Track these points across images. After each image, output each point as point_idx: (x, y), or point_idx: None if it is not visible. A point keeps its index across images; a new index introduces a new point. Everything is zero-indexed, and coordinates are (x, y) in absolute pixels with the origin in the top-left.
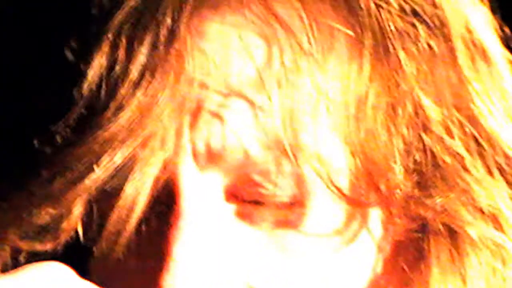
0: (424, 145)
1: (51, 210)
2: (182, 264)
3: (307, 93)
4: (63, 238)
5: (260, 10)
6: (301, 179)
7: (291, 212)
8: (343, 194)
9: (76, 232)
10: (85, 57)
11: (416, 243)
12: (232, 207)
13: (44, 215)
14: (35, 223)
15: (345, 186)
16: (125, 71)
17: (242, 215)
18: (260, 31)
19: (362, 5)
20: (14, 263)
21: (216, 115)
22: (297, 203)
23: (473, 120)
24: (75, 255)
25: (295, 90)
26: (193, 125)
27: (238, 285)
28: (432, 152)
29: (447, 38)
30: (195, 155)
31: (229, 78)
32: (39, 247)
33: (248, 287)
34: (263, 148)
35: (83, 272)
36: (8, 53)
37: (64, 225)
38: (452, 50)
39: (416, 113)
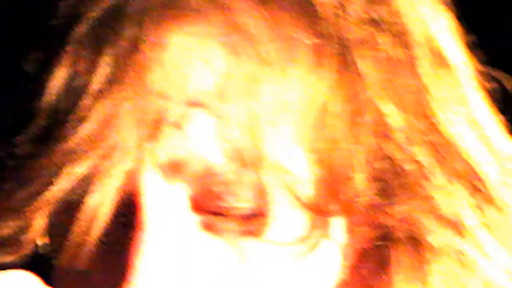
0: (384, 153)
1: (11, 223)
2: (145, 276)
3: (266, 103)
4: (24, 250)
5: (220, 20)
6: (263, 190)
7: (253, 222)
8: (305, 204)
9: (37, 245)
10: (45, 69)
11: (378, 251)
12: (196, 218)
13: (4, 228)
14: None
15: (306, 195)
16: (85, 83)
17: (205, 226)
18: (220, 41)
19: (322, 15)
20: None
21: (177, 126)
22: (259, 214)
23: (432, 128)
24: (37, 268)
25: (255, 100)
26: (154, 136)
27: (198, 276)
28: (393, 160)
29: (406, 46)
30: (157, 166)
31: (189, 89)
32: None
33: (206, 278)
34: (224, 159)
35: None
36: None
37: (25, 237)
38: (411, 58)
39: (377, 122)
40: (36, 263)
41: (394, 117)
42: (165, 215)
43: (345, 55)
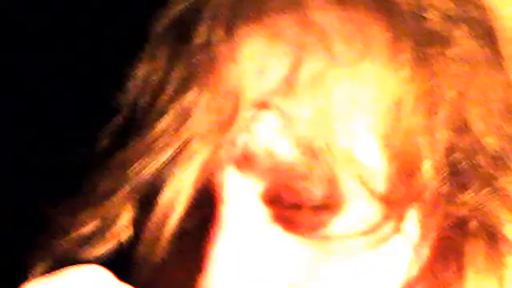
0: (459, 145)
1: (96, 218)
2: (221, 265)
3: (340, 98)
4: (109, 245)
5: (294, 17)
6: (336, 182)
7: (325, 214)
8: (378, 195)
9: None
10: (126, 66)
11: (451, 244)
12: (269, 212)
13: (89, 223)
14: (80, 230)
15: (379, 186)
16: (164, 79)
17: (279, 219)
18: (293, 38)
19: (402, 9)
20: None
21: (250, 122)
22: (331, 205)
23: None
24: (115, 262)
25: (328, 95)
26: (228, 130)
27: (278, 284)
28: (468, 152)
29: (492, 42)
30: (232, 161)
31: (262, 84)
32: (84, 255)
33: (288, 285)
34: (296, 153)
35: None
36: (53, 60)
37: (110, 232)
38: (497, 55)
39: (456, 115)
40: (118, 257)
41: (475, 111)
42: (241, 208)
43: (425, 49)
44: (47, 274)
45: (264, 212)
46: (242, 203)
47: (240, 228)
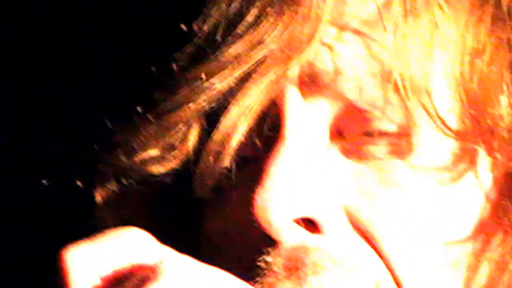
0: None
1: (164, 135)
2: (277, 181)
3: (423, 34)
4: (175, 162)
5: None
6: (409, 112)
7: (396, 143)
8: (449, 129)
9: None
10: None
11: None
12: (335, 142)
13: (158, 140)
14: (149, 148)
15: (451, 122)
16: (243, 10)
17: (344, 150)
18: None
19: None
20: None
21: (327, 45)
22: (403, 134)
23: None
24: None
25: (412, 29)
26: (303, 52)
27: (332, 206)
28: None
29: None
30: (302, 82)
31: (346, 14)
32: (151, 170)
33: (342, 208)
34: (373, 78)
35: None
36: None
37: (178, 148)
38: None
39: None
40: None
41: None
42: (305, 131)
43: (501, 7)
44: (88, 238)
45: (328, 137)
46: (307, 125)
47: (300, 151)
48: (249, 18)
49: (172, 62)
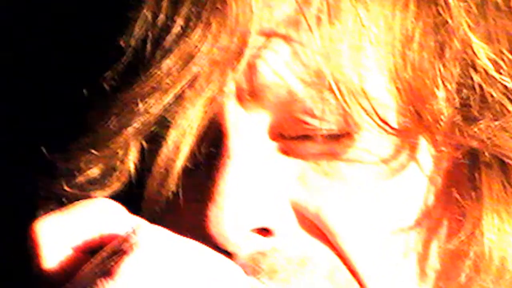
0: (472, 80)
1: (103, 158)
2: (227, 196)
3: (349, 30)
4: (118, 184)
5: None
6: (347, 113)
7: (337, 143)
8: (389, 126)
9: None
10: (131, 9)
11: (468, 175)
12: (276, 144)
13: (96, 165)
14: (88, 173)
15: (390, 118)
16: (170, 22)
17: (286, 150)
18: None
19: None
20: None
21: (258, 56)
22: (343, 135)
23: None
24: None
25: (337, 26)
26: (235, 66)
27: (281, 207)
28: (480, 87)
29: None
30: (239, 95)
31: (269, 19)
32: (93, 196)
33: (291, 206)
34: (306, 85)
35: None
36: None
37: (119, 171)
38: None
39: (464, 51)
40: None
41: (483, 46)
42: (247, 141)
43: None
44: (58, 210)
45: (271, 145)
46: (248, 136)
47: (245, 161)
48: (176, 29)
49: (103, 83)
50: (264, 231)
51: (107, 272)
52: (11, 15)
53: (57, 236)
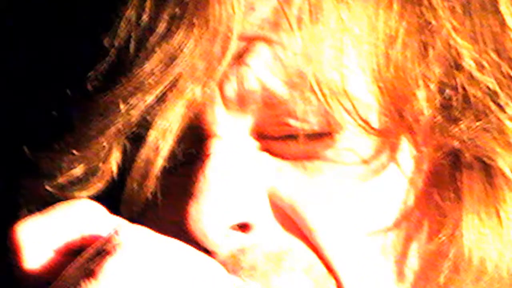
0: (455, 81)
1: (85, 158)
2: (208, 192)
3: (331, 30)
4: (99, 184)
5: None
6: (329, 114)
7: (319, 143)
8: (370, 127)
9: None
10: (115, 10)
11: (449, 176)
12: (258, 143)
13: (79, 164)
14: (70, 173)
15: (372, 118)
16: (153, 23)
17: (268, 149)
18: None
19: None
20: None
21: (239, 59)
22: (325, 135)
23: (509, 61)
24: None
25: (318, 27)
26: (217, 68)
27: (260, 204)
28: (463, 88)
29: None
30: (222, 98)
31: (254, 23)
32: (74, 196)
33: (270, 203)
34: (288, 87)
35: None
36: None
37: (100, 171)
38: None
39: (448, 51)
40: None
41: (467, 47)
42: (229, 142)
43: None
44: (39, 212)
45: (252, 143)
46: (229, 136)
47: (227, 158)
48: (159, 30)
49: (86, 83)
50: (244, 227)
51: (90, 273)
52: None
53: (38, 238)
